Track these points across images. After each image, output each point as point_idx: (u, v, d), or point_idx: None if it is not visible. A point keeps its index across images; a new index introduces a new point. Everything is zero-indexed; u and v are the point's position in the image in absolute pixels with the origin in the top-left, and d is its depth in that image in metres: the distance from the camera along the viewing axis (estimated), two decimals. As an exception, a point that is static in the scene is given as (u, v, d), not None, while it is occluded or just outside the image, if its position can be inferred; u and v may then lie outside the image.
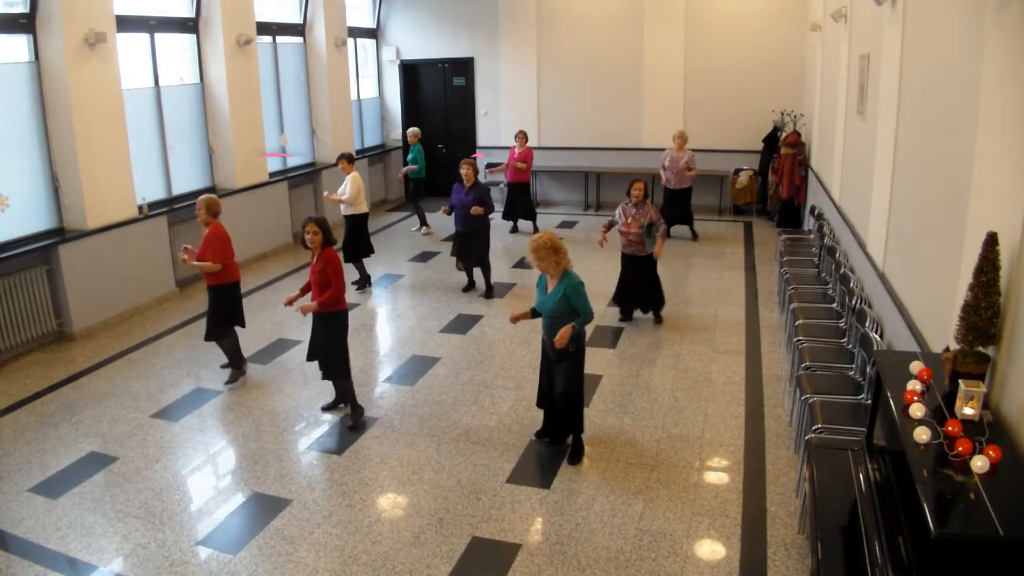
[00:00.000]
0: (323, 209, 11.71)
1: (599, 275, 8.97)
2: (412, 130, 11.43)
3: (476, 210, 8.18)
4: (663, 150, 11.00)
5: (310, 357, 5.75)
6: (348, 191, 8.54)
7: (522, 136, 11.24)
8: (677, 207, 10.54)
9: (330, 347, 5.57)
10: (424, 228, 11.62)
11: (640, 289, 7.53)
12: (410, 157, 11.31)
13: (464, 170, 8.34)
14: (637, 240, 7.29)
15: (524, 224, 11.59)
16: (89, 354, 7.12)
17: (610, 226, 7.53)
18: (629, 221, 7.28)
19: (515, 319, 5.19)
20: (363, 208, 8.75)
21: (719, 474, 4.95)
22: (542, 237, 4.88)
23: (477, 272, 8.73)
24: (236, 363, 6.45)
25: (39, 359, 7.03)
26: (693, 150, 10.70)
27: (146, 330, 7.71)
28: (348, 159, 8.71)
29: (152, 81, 8.74)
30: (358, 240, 8.77)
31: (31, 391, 6.34)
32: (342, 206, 8.70)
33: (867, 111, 6.44)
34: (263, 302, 8.55)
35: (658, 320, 7.63)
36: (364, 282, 8.95)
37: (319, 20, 11.43)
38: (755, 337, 7.20)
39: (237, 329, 6.50)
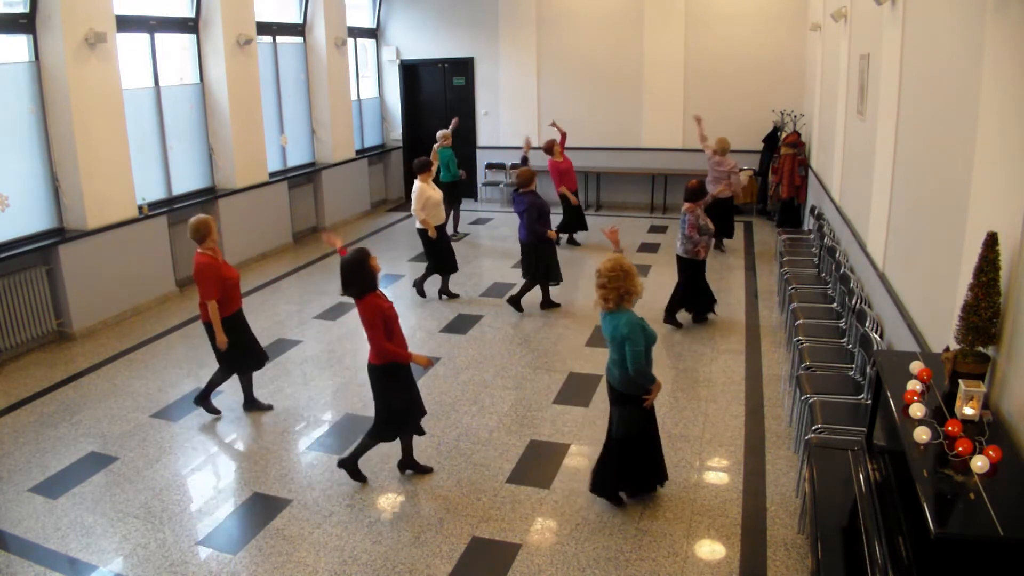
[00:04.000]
0: (323, 211, 11.74)
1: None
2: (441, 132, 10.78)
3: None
4: (663, 150, 11.00)
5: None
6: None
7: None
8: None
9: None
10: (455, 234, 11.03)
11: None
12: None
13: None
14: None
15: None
16: (89, 354, 7.12)
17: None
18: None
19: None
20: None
21: (719, 474, 4.95)
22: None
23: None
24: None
25: (39, 359, 7.03)
26: (693, 150, 10.70)
27: (146, 330, 7.70)
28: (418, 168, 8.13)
29: (152, 81, 8.74)
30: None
31: (31, 391, 6.34)
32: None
33: (867, 111, 6.44)
34: (263, 302, 8.55)
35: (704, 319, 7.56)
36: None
37: (319, 20, 11.43)
38: (755, 337, 7.20)
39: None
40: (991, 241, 2.95)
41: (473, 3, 13.16)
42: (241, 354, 5.71)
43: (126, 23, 8.16)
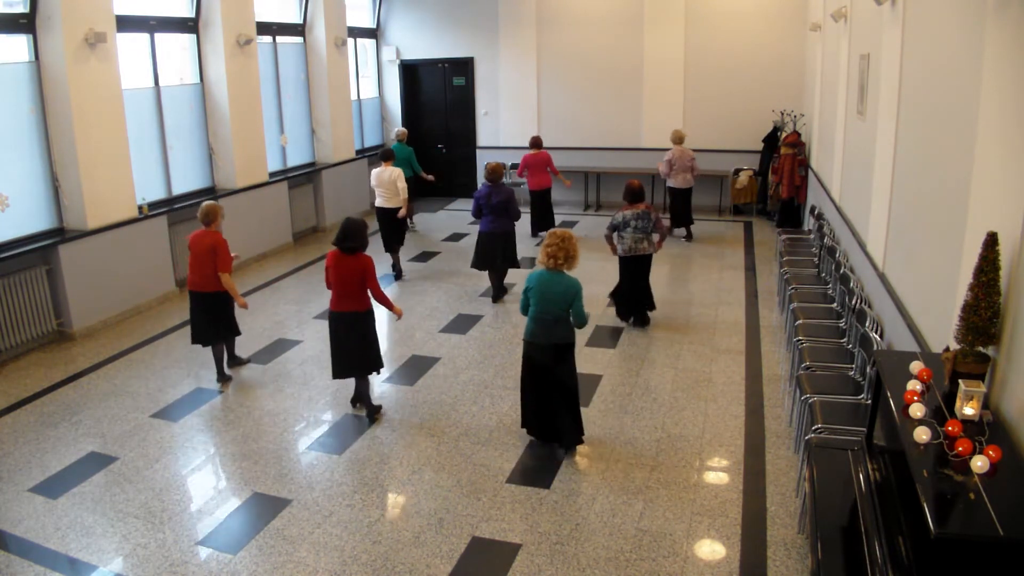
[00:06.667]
0: (323, 211, 11.76)
1: (597, 275, 8.98)
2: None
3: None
4: (664, 150, 11.05)
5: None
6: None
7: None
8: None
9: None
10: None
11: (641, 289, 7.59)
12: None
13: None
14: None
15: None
16: (89, 354, 7.12)
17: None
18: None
19: None
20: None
21: (719, 474, 4.95)
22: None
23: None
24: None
25: (39, 359, 7.03)
26: (693, 150, 10.81)
27: (146, 330, 7.70)
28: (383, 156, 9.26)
29: (152, 81, 8.74)
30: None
31: (31, 391, 6.34)
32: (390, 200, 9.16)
33: (867, 111, 6.44)
34: (263, 302, 8.55)
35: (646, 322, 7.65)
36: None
37: (319, 20, 11.43)
38: (755, 337, 7.20)
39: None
40: (991, 241, 2.94)
41: (473, 3, 13.16)
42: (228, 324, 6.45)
43: (126, 23, 8.16)
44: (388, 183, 9.04)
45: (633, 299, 7.56)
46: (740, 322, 7.60)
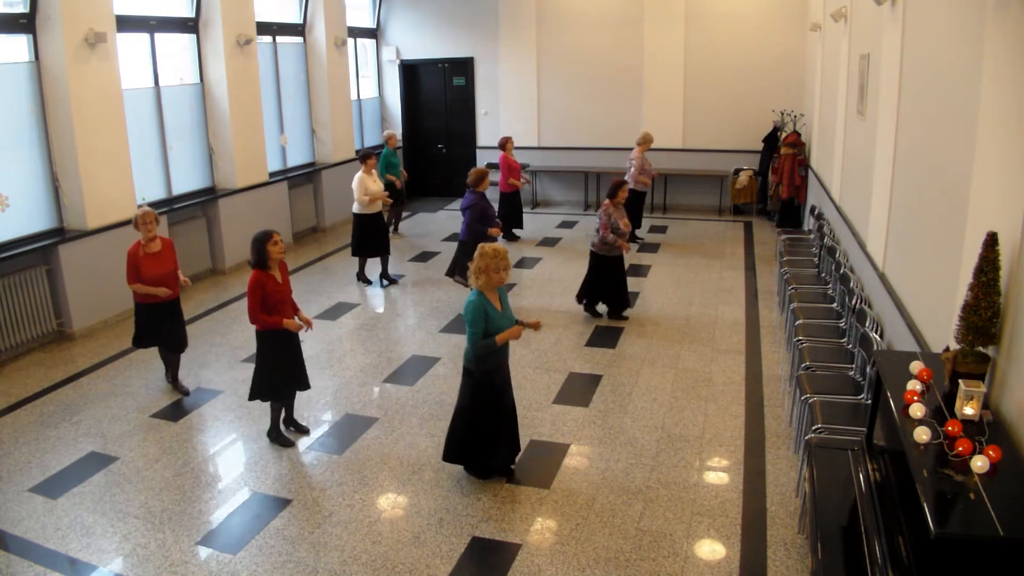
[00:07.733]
0: (323, 211, 11.76)
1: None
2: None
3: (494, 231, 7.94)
4: (663, 150, 11.10)
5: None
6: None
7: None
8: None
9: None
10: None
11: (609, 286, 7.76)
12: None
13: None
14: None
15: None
16: (89, 354, 7.12)
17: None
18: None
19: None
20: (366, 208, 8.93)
21: (719, 474, 4.95)
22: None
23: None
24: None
25: (39, 359, 7.03)
26: (693, 150, 10.80)
27: (146, 330, 7.69)
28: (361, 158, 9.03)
29: (152, 81, 8.74)
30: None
31: (31, 391, 6.34)
32: (355, 204, 8.91)
33: (867, 111, 6.44)
34: (263, 302, 8.54)
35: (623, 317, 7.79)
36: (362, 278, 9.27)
37: (319, 20, 11.43)
38: (755, 337, 7.20)
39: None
40: (991, 241, 2.95)
41: (473, 3, 13.16)
42: (155, 336, 6.24)
43: (126, 23, 8.16)
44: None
45: (590, 290, 7.78)
46: (740, 322, 7.60)
